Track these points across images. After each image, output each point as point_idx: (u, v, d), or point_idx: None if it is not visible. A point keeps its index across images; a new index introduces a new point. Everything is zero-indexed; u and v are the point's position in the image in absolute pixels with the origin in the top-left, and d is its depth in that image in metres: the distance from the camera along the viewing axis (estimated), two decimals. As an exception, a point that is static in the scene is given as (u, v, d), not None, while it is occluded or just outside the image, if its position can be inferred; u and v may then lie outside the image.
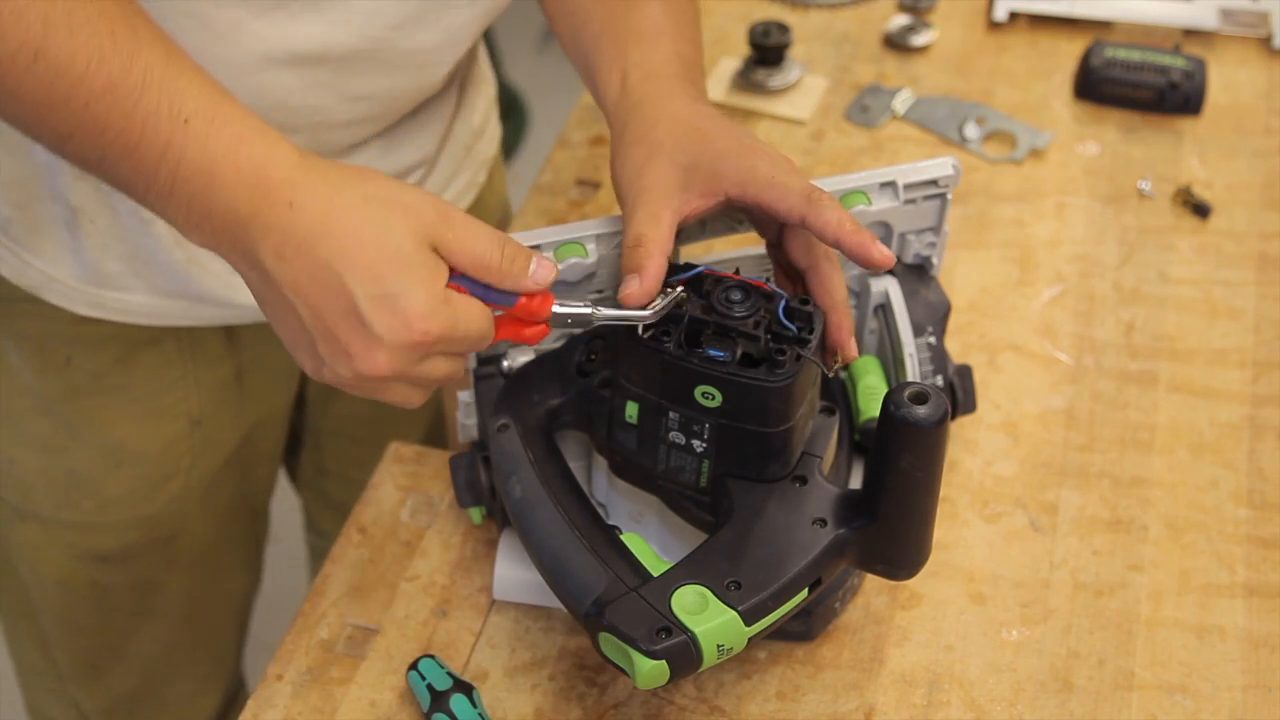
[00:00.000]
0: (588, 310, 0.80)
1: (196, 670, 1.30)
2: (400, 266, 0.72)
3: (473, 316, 0.75)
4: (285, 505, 1.39)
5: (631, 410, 0.85)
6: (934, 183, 0.94)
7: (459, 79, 1.06)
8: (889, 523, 0.80)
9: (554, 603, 0.87)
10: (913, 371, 0.96)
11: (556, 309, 0.80)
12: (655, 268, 0.81)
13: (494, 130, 1.19)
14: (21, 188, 0.94)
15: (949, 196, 0.95)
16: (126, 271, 0.97)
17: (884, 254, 0.82)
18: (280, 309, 0.75)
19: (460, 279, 0.76)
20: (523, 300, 0.78)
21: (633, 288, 0.81)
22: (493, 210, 1.23)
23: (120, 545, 1.12)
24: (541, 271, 0.77)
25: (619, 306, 0.81)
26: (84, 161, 0.73)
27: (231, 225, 0.73)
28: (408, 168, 1.03)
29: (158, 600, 1.19)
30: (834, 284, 0.85)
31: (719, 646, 0.77)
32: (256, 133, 0.73)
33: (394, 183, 0.75)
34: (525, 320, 0.79)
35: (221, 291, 0.99)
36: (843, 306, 0.85)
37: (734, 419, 0.81)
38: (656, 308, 0.81)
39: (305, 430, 1.25)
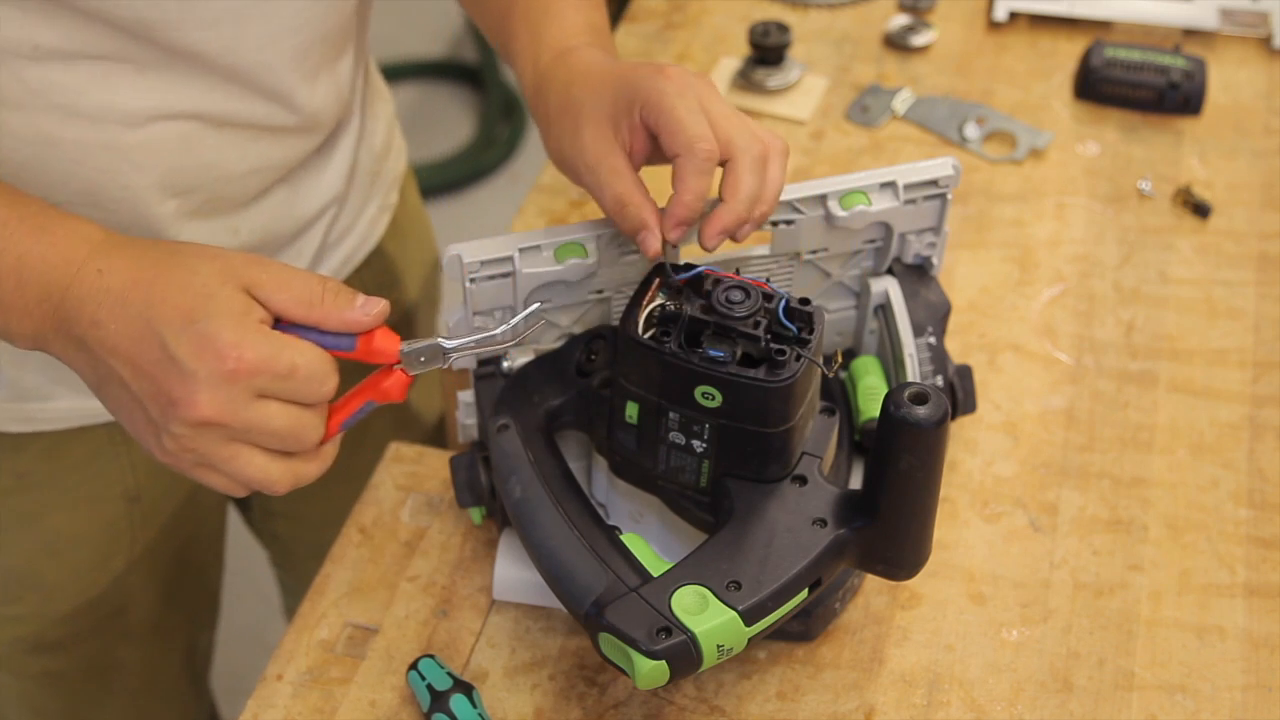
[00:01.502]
0: (434, 342, 0.76)
1: None
2: (207, 302, 0.70)
3: (300, 350, 0.71)
4: (285, 505, 1.39)
5: (631, 410, 0.85)
6: (934, 183, 0.94)
7: (357, 103, 1.03)
8: (889, 523, 0.80)
9: (554, 603, 0.87)
10: (913, 372, 0.96)
11: (404, 347, 0.75)
12: (653, 216, 0.81)
13: (399, 145, 1.16)
14: None
15: (949, 197, 0.95)
16: (46, 380, 0.96)
17: (660, 241, 0.80)
18: (110, 385, 0.73)
19: (288, 328, 0.73)
20: (360, 341, 0.74)
21: (654, 243, 0.81)
22: (410, 224, 1.20)
23: (69, 632, 1.10)
24: (370, 305, 0.73)
25: (470, 334, 0.78)
26: None
27: (49, 313, 0.73)
28: (318, 210, 1.01)
29: (115, 676, 1.17)
30: (684, 176, 0.80)
31: (719, 647, 0.77)
32: (58, 220, 0.74)
33: (205, 245, 0.75)
34: (374, 361, 0.75)
35: None
36: (686, 199, 0.80)
37: (734, 419, 0.81)
38: (515, 325, 0.78)
39: None
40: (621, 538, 0.84)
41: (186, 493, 1.11)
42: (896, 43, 1.41)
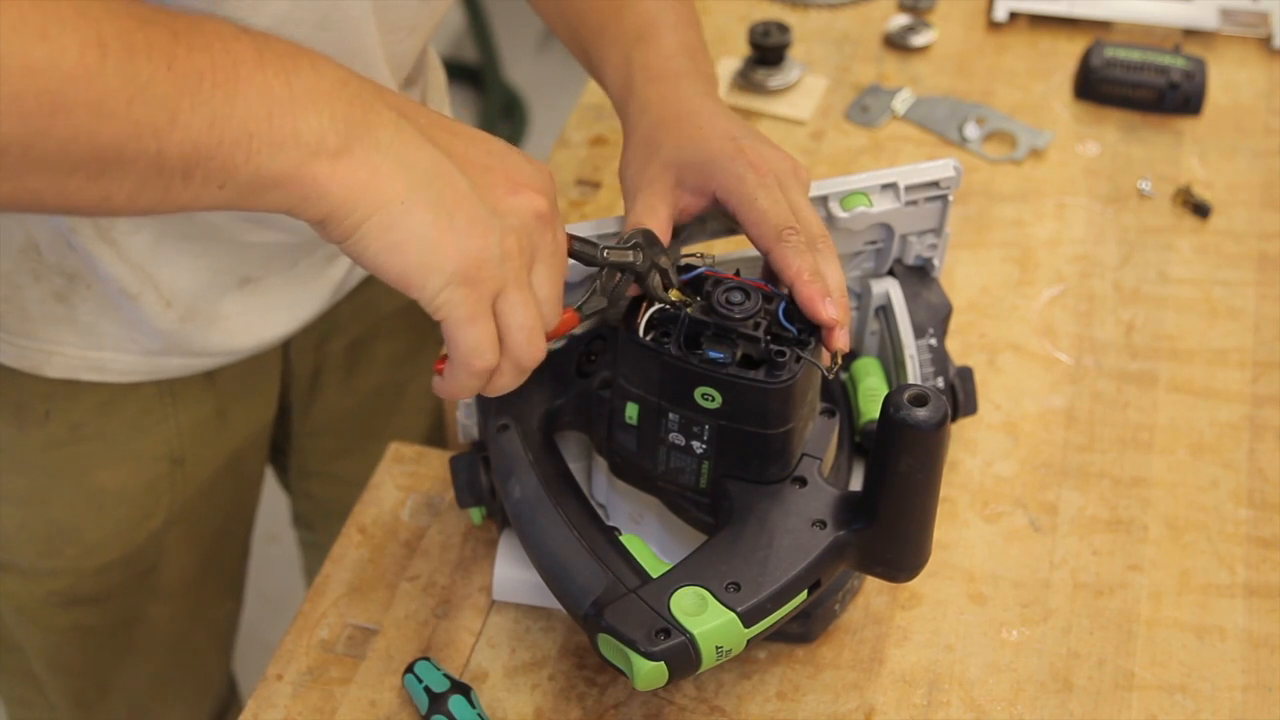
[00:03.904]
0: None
1: (185, 696, 1.29)
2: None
3: None
4: (285, 503, 1.39)
5: (631, 411, 0.85)
6: (935, 184, 0.94)
7: (420, 80, 1.05)
8: (889, 525, 0.80)
9: (554, 603, 0.87)
10: (914, 373, 0.96)
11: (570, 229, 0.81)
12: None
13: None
14: (4, 281, 0.94)
15: (950, 198, 0.95)
16: (123, 334, 0.97)
17: (830, 315, 0.81)
18: (435, 175, 0.68)
19: None
20: None
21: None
22: None
23: (102, 586, 1.11)
24: None
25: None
26: (194, 149, 0.63)
27: (354, 94, 0.67)
28: None
29: (141, 635, 1.18)
30: (788, 260, 0.82)
31: (717, 648, 0.77)
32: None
33: None
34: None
35: (218, 340, 0.99)
36: (805, 277, 0.82)
37: (734, 420, 0.81)
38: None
39: (287, 436, 1.25)
40: (621, 539, 0.84)
41: (226, 460, 1.12)
42: (896, 43, 1.41)
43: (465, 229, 0.68)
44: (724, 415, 0.82)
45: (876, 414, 0.80)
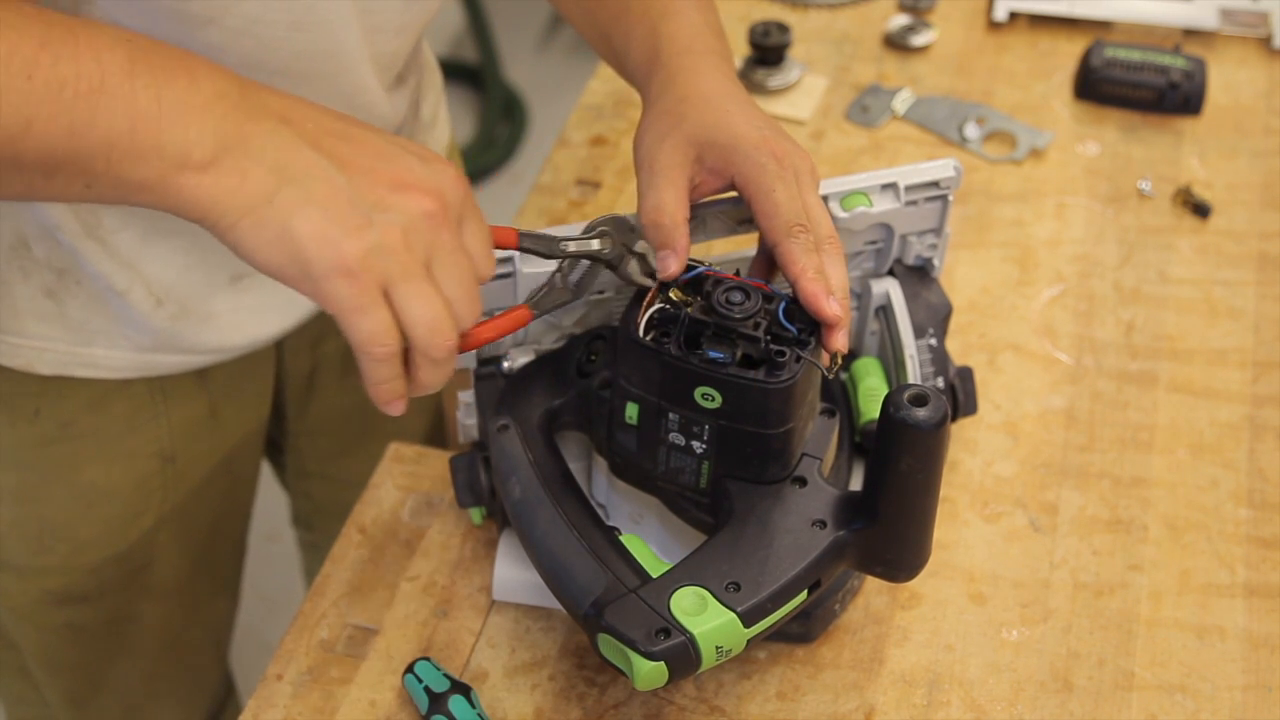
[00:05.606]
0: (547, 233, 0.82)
1: (179, 694, 1.29)
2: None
3: None
4: (285, 503, 1.39)
5: (631, 411, 0.85)
6: (935, 184, 0.94)
7: (412, 79, 1.05)
8: (888, 525, 0.80)
9: (554, 603, 0.87)
10: (914, 373, 0.96)
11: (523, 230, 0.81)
12: (684, 240, 0.83)
13: (444, 119, 1.17)
14: None
15: (950, 198, 0.95)
16: (114, 330, 0.97)
17: (833, 311, 0.81)
18: (308, 176, 0.69)
19: None
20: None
21: (673, 265, 0.83)
22: None
23: (94, 584, 1.11)
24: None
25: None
26: (51, 154, 0.65)
27: (233, 105, 0.68)
28: None
29: (134, 633, 1.18)
30: (794, 257, 0.82)
31: (717, 648, 0.77)
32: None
33: None
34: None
35: (210, 337, 0.99)
36: (809, 275, 0.82)
37: (734, 420, 0.81)
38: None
39: (284, 436, 1.25)
40: (621, 538, 0.84)
41: (220, 459, 1.12)
42: (896, 43, 1.41)
43: (337, 222, 0.69)
44: (724, 415, 0.82)
45: (876, 414, 0.80)
